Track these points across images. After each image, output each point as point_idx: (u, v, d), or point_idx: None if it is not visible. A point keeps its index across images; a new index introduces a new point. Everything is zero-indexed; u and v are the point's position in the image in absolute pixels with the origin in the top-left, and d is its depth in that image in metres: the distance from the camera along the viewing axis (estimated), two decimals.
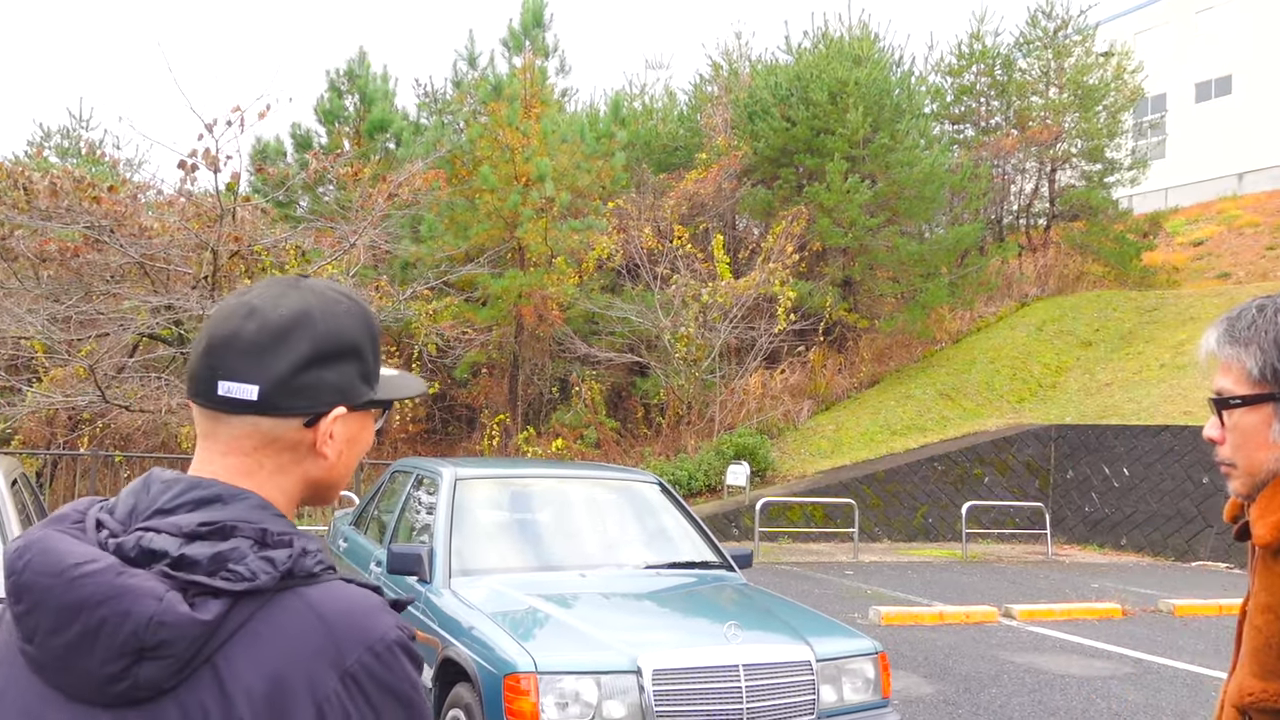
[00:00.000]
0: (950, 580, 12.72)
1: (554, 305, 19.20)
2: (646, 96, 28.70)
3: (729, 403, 19.50)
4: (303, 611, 0.99)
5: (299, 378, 1.08)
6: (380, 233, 16.32)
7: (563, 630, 4.50)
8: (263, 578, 0.98)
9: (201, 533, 1.00)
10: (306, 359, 1.08)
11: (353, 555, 6.58)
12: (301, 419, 1.09)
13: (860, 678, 4.46)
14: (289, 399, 1.08)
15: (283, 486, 1.11)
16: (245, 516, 1.03)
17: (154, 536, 0.99)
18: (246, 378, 1.06)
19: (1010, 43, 27.80)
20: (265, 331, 1.07)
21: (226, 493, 1.05)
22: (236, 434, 1.08)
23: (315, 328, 1.09)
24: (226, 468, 1.08)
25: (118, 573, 0.96)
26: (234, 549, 0.99)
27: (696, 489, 16.97)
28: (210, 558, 0.98)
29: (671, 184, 22.50)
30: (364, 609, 1.01)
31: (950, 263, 22.69)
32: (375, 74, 22.74)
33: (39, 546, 1.00)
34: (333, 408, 1.10)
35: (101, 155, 21.27)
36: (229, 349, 1.07)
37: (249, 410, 1.07)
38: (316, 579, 1.02)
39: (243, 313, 1.08)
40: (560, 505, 6.08)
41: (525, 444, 18.31)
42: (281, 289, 1.12)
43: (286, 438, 1.09)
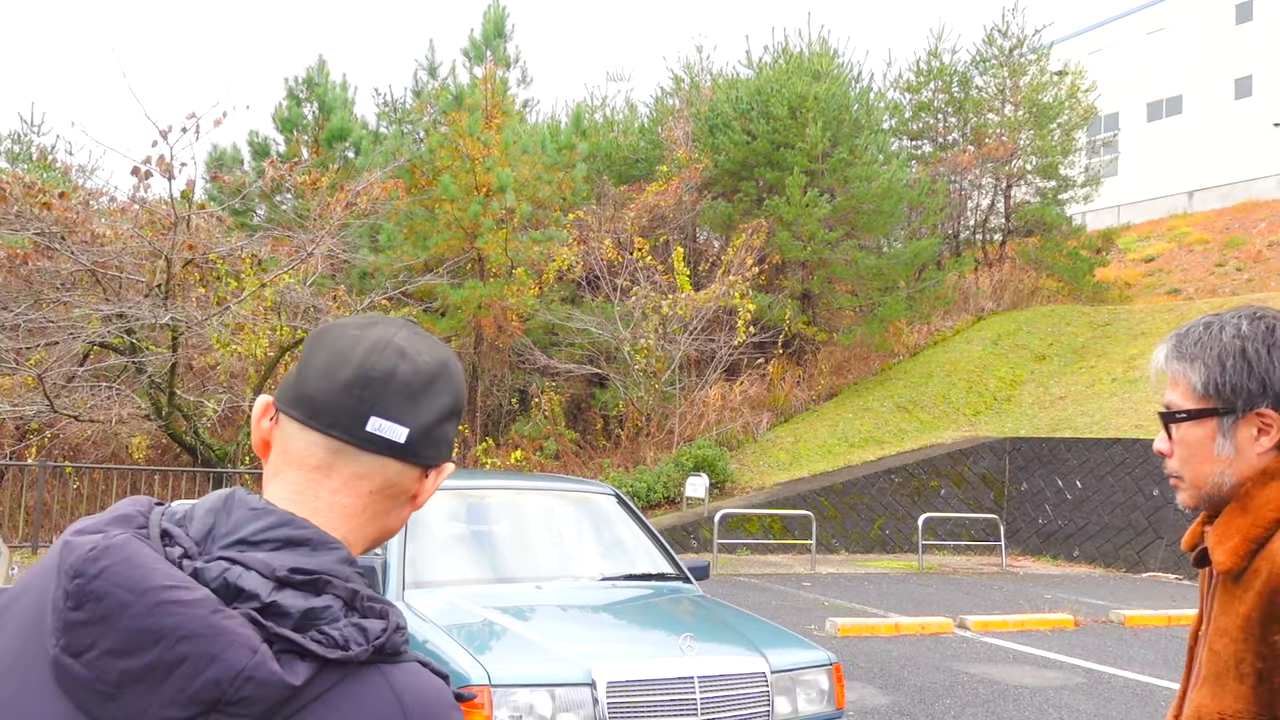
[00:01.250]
0: (906, 592, 12.80)
1: (514, 316, 19.15)
2: (608, 108, 28.80)
3: (688, 415, 19.54)
4: (386, 695, 0.92)
5: (439, 428, 1.05)
6: (338, 242, 16.21)
7: (517, 642, 4.46)
8: (354, 649, 0.91)
9: (295, 581, 0.92)
10: (448, 411, 1.06)
11: None
12: (425, 469, 1.06)
13: (815, 689, 4.47)
14: (427, 448, 1.04)
15: (369, 533, 1.05)
16: (335, 571, 0.95)
17: (242, 573, 0.91)
18: (400, 419, 1.02)
19: (967, 60, 28.23)
20: (419, 376, 1.03)
21: (318, 538, 0.96)
22: (360, 473, 1.02)
23: (454, 381, 1.07)
24: (333, 506, 1.02)
25: (213, 609, 0.87)
26: (327, 608, 0.91)
27: (655, 501, 16.97)
28: (302, 613, 0.90)
29: (632, 196, 22.56)
30: (442, 705, 0.96)
31: (908, 277, 22.92)
32: (334, 82, 22.59)
33: (122, 554, 0.89)
34: (446, 461, 1.08)
35: (53, 161, 20.94)
36: (386, 387, 1.02)
37: (388, 452, 1.02)
38: (398, 658, 0.96)
39: (394, 352, 1.03)
40: (516, 517, 6.05)
41: (484, 455, 18.22)
42: (407, 331, 1.07)
43: (403, 485, 1.05)
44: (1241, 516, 1.51)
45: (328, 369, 1.03)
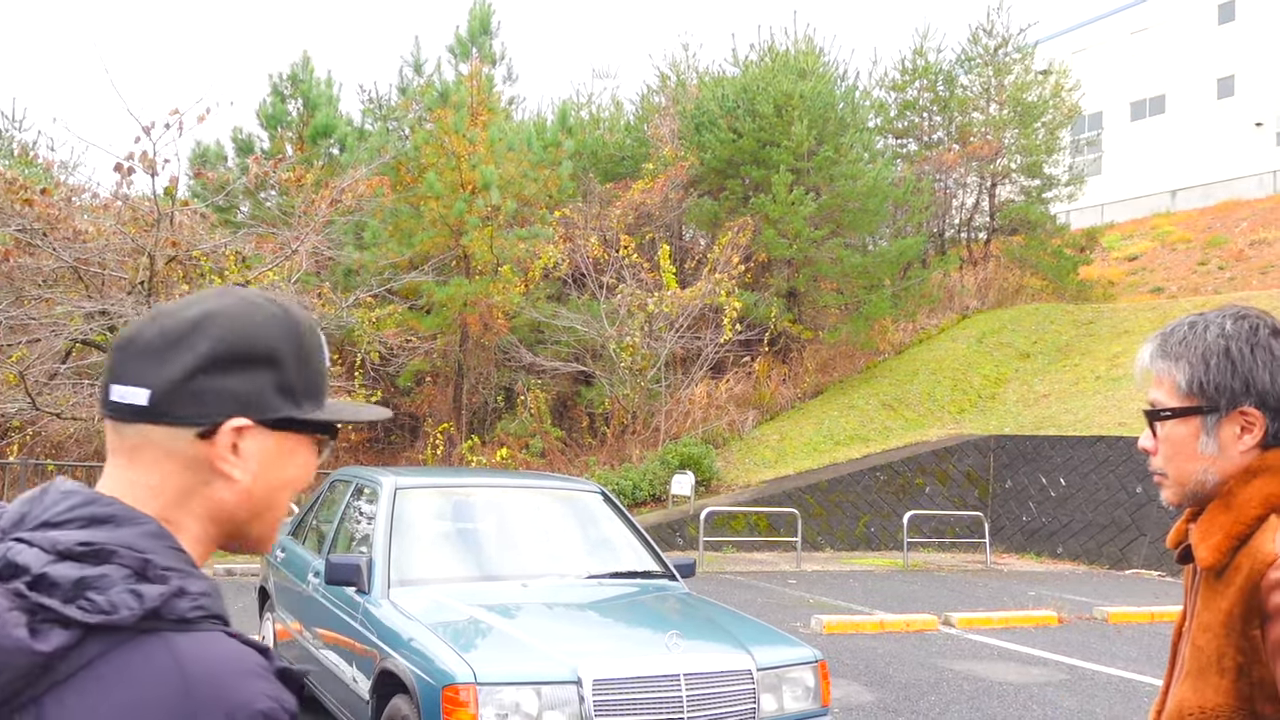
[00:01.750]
0: (891, 589, 12.85)
1: (499, 314, 19.12)
2: (594, 106, 28.73)
3: (674, 412, 19.55)
4: (161, 660, 0.85)
5: (193, 382, 0.96)
6: (323, 239, 16.13)
7: (503, 641, 4.46)
8: (122, 612, 0.85)
9: (76, 553, 0.88)
10: (203, 361, 0.96)
11: (290, 566, 6.48)
12: (193, 430, 0.97)
13: (800, 686, 4.48)
14: (181, 406, 0.96)
15: (193, 511, 0.98)
16: (133, 543, 0.90)
17: (24, 550, 0.88)
18: (138, 380, 0.96)
19: (952, 59, 28.29)
20: (165, 333, 0.97)
21: (123, 514, 0.93)
22: (132, 445, 0.97)
23: (217, 329, 0.98)
24: (130, 484, 0.97)
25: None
26: (102, 575, 0.86)
27: (641, 498, 16.97)
28: (73, 582, 0.85)
29: (618, 194, 22.54)
30: (235, 670, 0.88)
31: (893, 275, 22.98)
32: (319, 79, 22.50)
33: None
34: (229, 417, 0.97)
35: (35, 157, 20.79)
36: (124, 351, 0.98)
37: (140, 417, 0.96)
38: (191, 626, 0.88)
39: (150, 316, 1.00)
40: (502, 515, 6.05)
41: (470, 453, 18.18)
42: (204, 295, 1.02)
43: (184, 452, 0.97)
44: (1224, 514, 1.52)
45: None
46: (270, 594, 6.85)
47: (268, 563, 7.13)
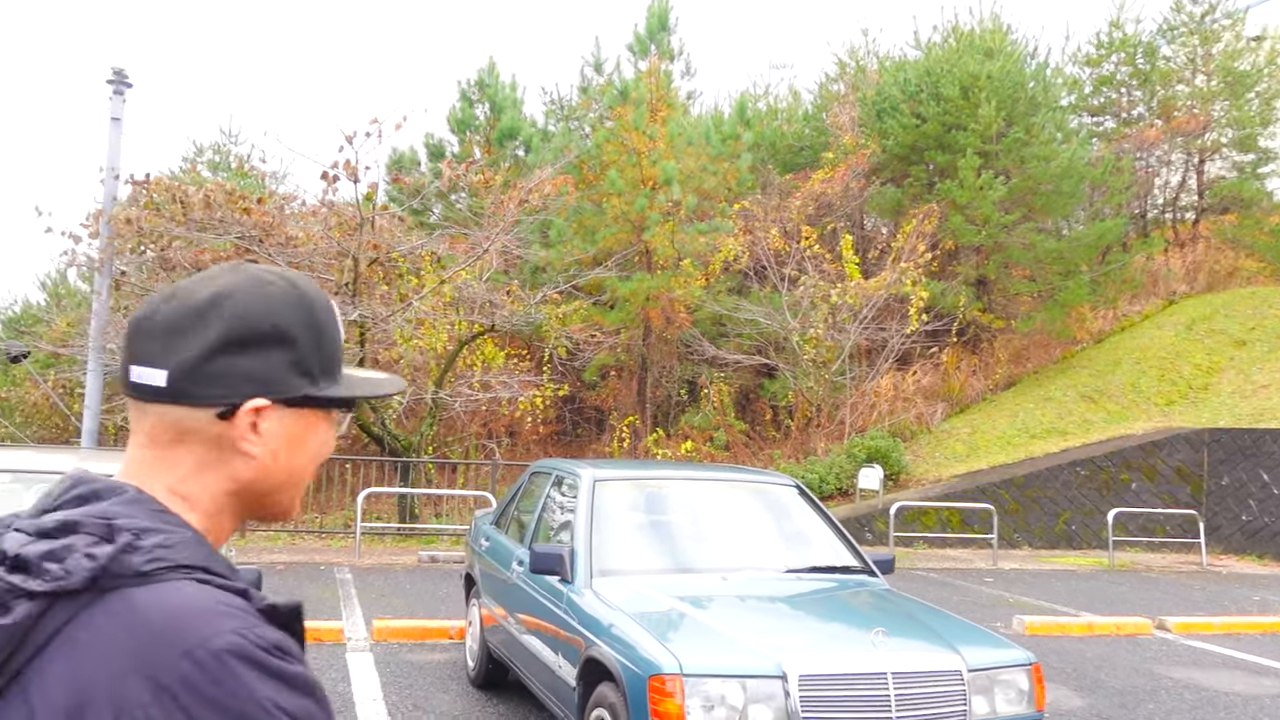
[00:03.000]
0: (1097, 590, 12.23)
1: (681, 308, 19.23)
2: (771, 97, 28.51)
3: (859, 405, 19.20)
4: (121, 615, 0.86)
5: (210, 363, 0.97)
6: (511, 238, 16.64)
7: (706, 632, 4.48)
8: (76, 576, 0.86)
9: (49, 529, 0.90)
10: (218, 342, 0.98)
11: (495, 554, 6.70)
12: (213, 410, 0.98)
13: (1013, 689, 4.32)
14: (199, 387, 0.97)
15: (208, 486, 1.00)
16: (105, 512, 0.92)
17: (12, 535, 0.90)
18: (155, 362, 0.97)
19: (1153, 30, 26.65)
20: (179, 313, 0.98)
21: (105, 488, 0.95)
22: (153, 425, 0.99)
23: (231, 309, 0.98)
24: (143, 461, 0.99)
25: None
26: (66, 546, 0.88)
27: (827, 492, 16.74)
28: (39, 556, 0.87)
29: (798, 184, 22.28)
30: (195, 611, 0.86)
31: (1091, 260, 21.84)
32: (504, 83, 23.21)
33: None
34: (248, 398, 0.99)
35: (250, 169, 22.25)
36: (141, 332, 0.99)
37: (159, 398, 0.98)
38: (149, 579, 0.88)
39: (165, 295, 1.00)
40: (698, 507, 6.08)
41: (655, 446, 18.38)
42: (214, 272, 1.03)
43: (204, 431, 0.99)
44: None
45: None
46: (476, 581, 7.11)
47: (472, 551, 7.40)
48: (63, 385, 19.07)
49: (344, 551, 12.97)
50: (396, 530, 14.74)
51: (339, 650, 7.77)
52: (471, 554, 7.41)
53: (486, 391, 17.14)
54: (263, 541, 13.57)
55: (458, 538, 13.96)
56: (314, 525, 14.75)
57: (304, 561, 11.96)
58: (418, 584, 10.84)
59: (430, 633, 8.32)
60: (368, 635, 8.21)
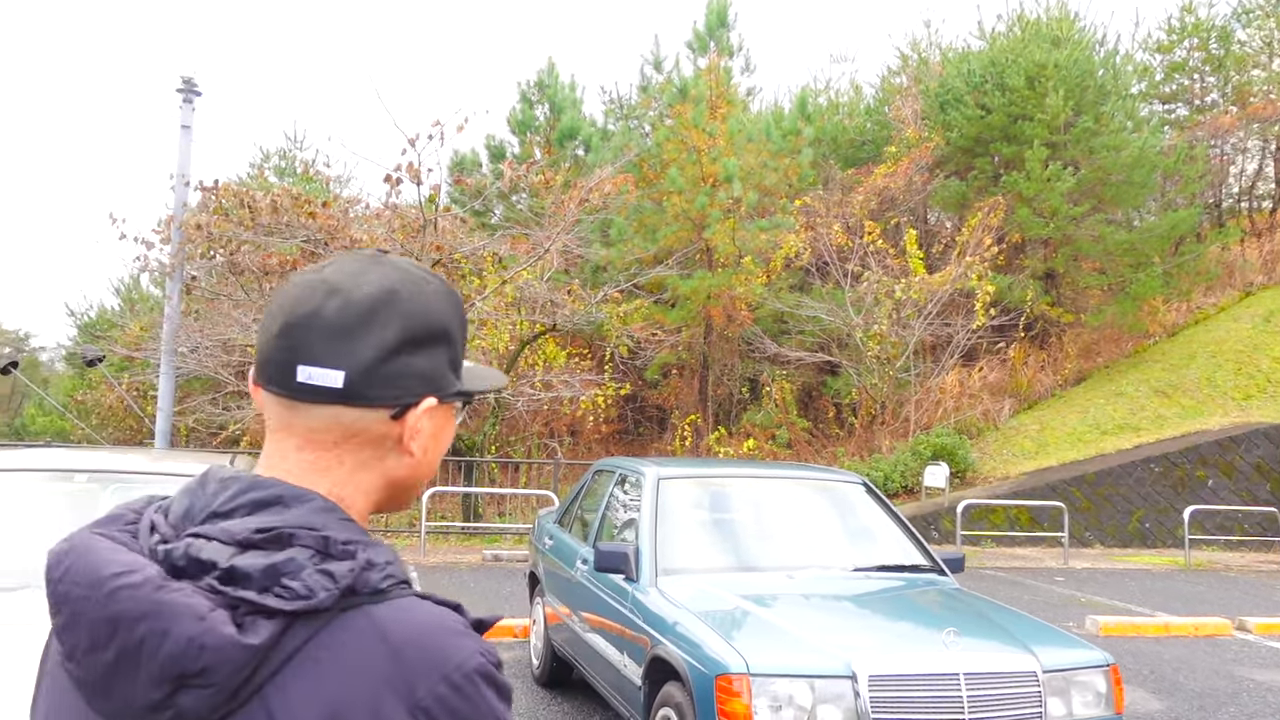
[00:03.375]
0: (1173, 589, 11.91)
1: (742, 305, 19.14)
2: (832, 91, 28.24)
3: (924, 402, 18.94)
4: (367, 634, 0.86)
5: (388, 364, 0.95)
6: (572, 238, 16.69)
7: (773, 632, 4.43)
8: (321, 595, 0.85)
9: (256, 540, 0.88)
10: (396, 343, 0.95)
11: (558, 553, 6.71)
12: (389, 411, 0.96)
13: (1090, 691, 4.20)
14: (377, 388, 0.95)
15: (362, 486, 0.98)
16: (307, 521, 0.90)
17: (204, 544, 0.88)
18: (330, 363, 0.93)
19: (1227, 13, 25.88)
20: (350, 311, 0.94)
21: (289, 494, 0.92)
22: (316, 426, 0.96)
23: (403, 307, 0.96)
24: (301, 464, 0.96)
25: (157, 586, 0.84)
26: (289, 560, 0.86)
27: (893, 490, 16.54)
28: (263, 570, 0.85)
29: (860, 179, 22.05)
30: (440, 631, 0.88)
31: (1163, 251, 21.30)
32: (564, 83, 23.29)
33: (78, 551, 0.89)
34: (422, 398, 0.98)
35: (315, 174, 22.60)
36: (309, 329, 0.94)
37: (332, 399, 0.94)
38: (384, 596, 0.89)
39: (323, 290, 0.95)
40: (762, 505, 6.02)
41: (717, 444, 18.32)
42: (362, 265, 0.99)
43: (371, 431, 0.97)
44: None
45: (265, 323, 0.97)
46: (540, 579, 7.13)
47: (536, 549, 7.42)
48: (136, 388, 19.56)
49: (409, 550, 13.11)
50: (461, 529, 14.86)
51: None
52: (535, 552, 7.43)
53: (548, 391, 17.21)
54: None
55: (520, 536, 14.04)
56: (379, 524, 14.93)
57: None
58: (482, 582, 10.92)
59: (495, 631, 8.36)
60: None
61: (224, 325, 15.47)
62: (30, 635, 3.29)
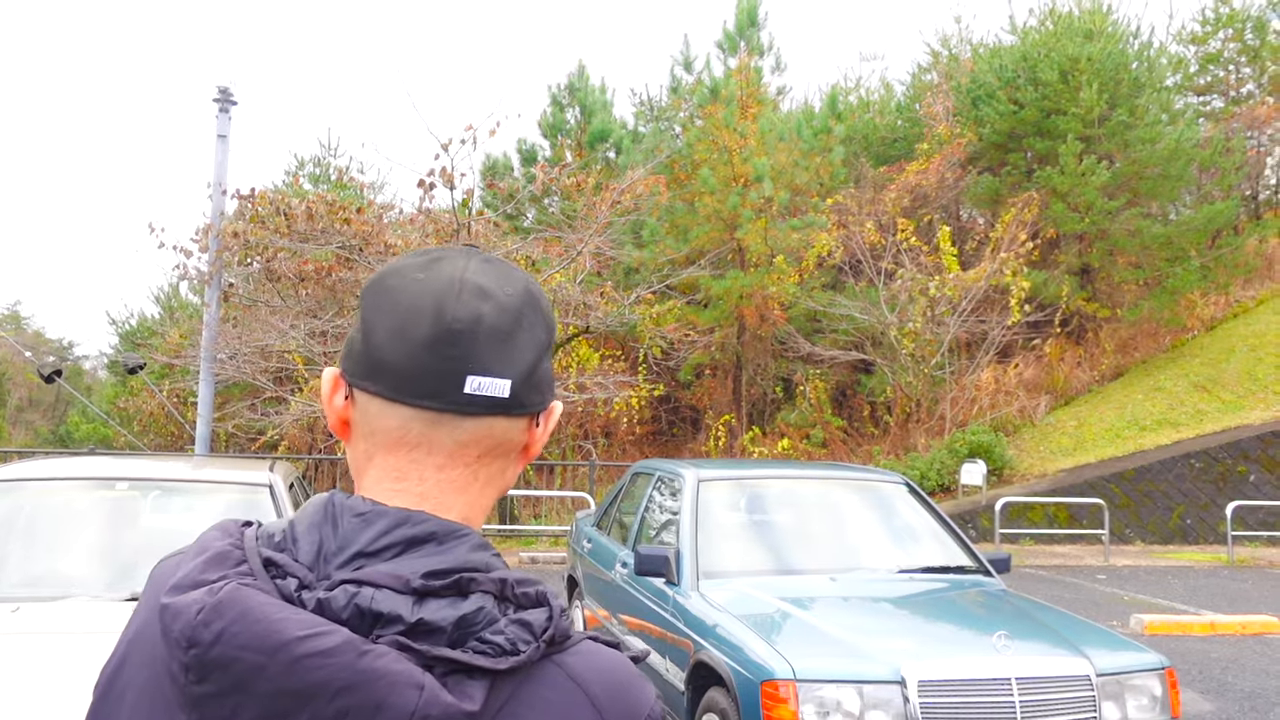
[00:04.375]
0: (1218, 587, 11.75)
1: (775, 305, 19.08)
2: (862, 89, 28.10)
3: (960, 399, 18.80)
4: (566, 688, 0.81)
5: (540, 368, 0.90)
6: (604, 240, 16.70)
7: (818, 636, 4.41)
8: (525, 651, 0.79)
9: (434, 588, 0.79)
10: (544, 345, 0.90)
11: (597, 556, 6.72)
12: (532, 417, 0.92)
13: (1146, 695, 4.15)
14: (531, 394, 0.89)
15: (485, 503, 0.92)
16: (473, 562, 0.83)
17: (374, 593, 0.78)
18: (498, 371, 0.86)
19: (1262, 3, 25.48)
20: (506, 315, 0.88)
21: (443, 530, 0.84)
22: (465, 440, 0.88)
23: (542, 308, 0.91)
24: (441, 484, 0.88)
25: (360, 651, 0.75)
26: (479, 610, 0.79)
27: (929, 489, 16.43)
28: (455, 624, 0.78)
29: (891, 177, 21.92)
30: (628, 681, 0.85)
31: (1200, 244, 21.02)
32: (594, 86, 23.32)
33: (236, 609, 0.77)
34: (552, 400, 0.94)
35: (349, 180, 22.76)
36: (475, 338, 0.86)
37: (494, 410, 0.87)
38: (569, 643, 0.84)
39: (471, 292, 0.87)
40: (804, 507, 6.00)
41: (751, 444, 18.27)
42: (476, 261, 0.92)
43: (514, 441, 0.91)
44: None
45: (401, 329, 0.87)
46: (578, 582, 7.14)
47: (574, 552, 7.43)
48: (177, 394, 19.78)
49: None
50: (497, 532, 14.92)
51: None
52: (574, 555, 7.44)
53: (582, 393, 17.24)
54: None
55: (556, 538, 14.07)
56: None
57: None
58: None
59: None
60: None
61: (261, 331, 15.60)
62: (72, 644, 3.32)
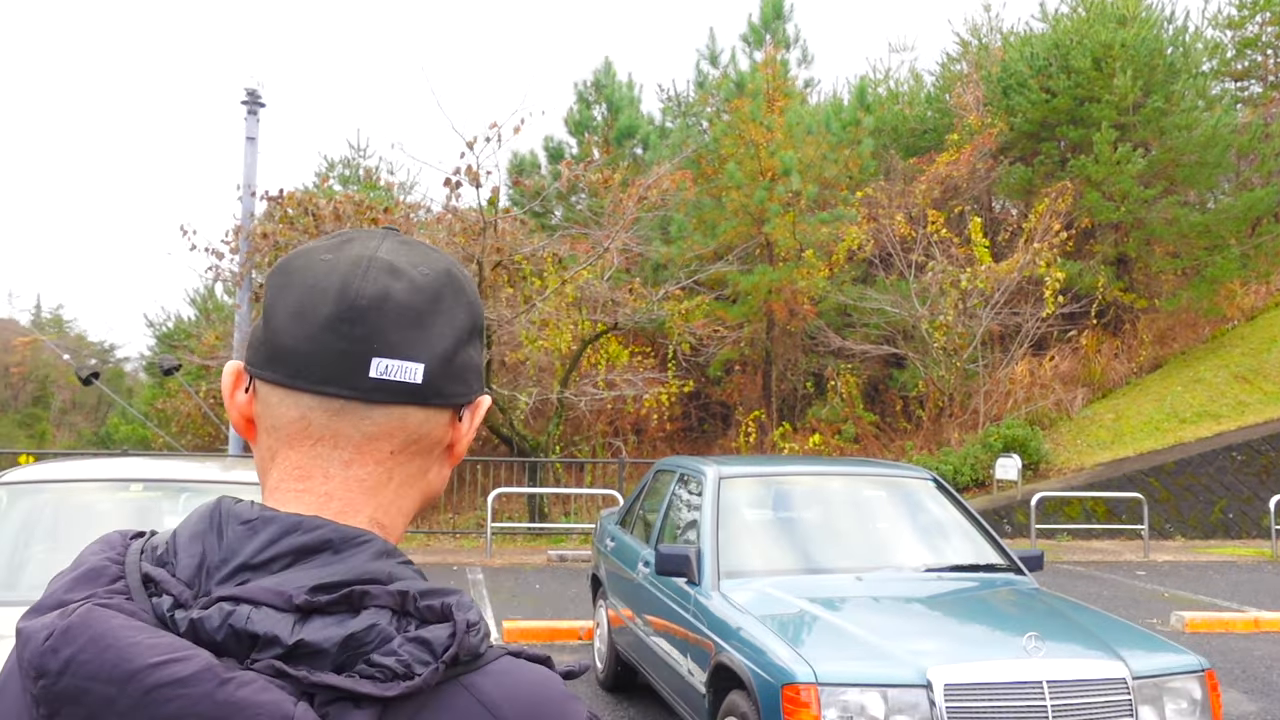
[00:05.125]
0: (1262, 582, 11.46)
1: (805, 299, 18.89)
2: (891, 81, 27.80)
3: (994, 393, 18.53)
4: (473, 713, 0.71)
5: (461, 354, 0.81)
6: (631, 236, 16.62)
7: (841, 637, 4.28)
8: (422, 673, 0.68)
9: (320, 604, 0.70)
10: (466, 330, 0.81)
11: (620, 555, 6.62)
12: (454, 410, 0.82)
13: (1185, 698, 3.99)
14: (450, 382, 0.80)
15: (404, 506, 0.82)
16: (371, 572, 0.73)
17: (252, 612, 0.69)
18: (408, 353, 0.77)
19: None
20: (421, 293, 0.79)
21: (338, 537, 0.74)
22: (373, 432, 0.78)
23: (465, 291, 0.83)
24: (348, 483, 0.79)
25: (220, 680, 0.65)
26: (370, 628, 0.69)
27: (963, 484, 16.20)
28: (340, 644, 0.68)
29: (922, 168, 21.66)
30: (548, 702, 0.74)
31: (1240, 232, 20.60)
32: (620, 82, 23.23)
33: (86, 634, 0.67)
34: (478, 394, 0.84)
35: (378, 180, 22.82)
36: (382, 315, 0.77)
37: (405, 398, 0.78)
38: (480, 660, 0.73)
39: (380, 269, 0.78)
40: (828, 504, 5.86)
41: (781, 440, 18.11)
42: (391, 240, 0.82)
43: (432, 436, 0.81)
44: None
45: (300, 309, 0.78)
46: (602, 581, 7.04)
47: (598, 551, 7.33)
48: (213, 396, 19.89)
49: (476, 552, 13.13)
50: (527, 530, 14.87)
51: None
52: (597, 554, 7.35)
53: (611, 389, 17.16)
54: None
55: (586, 536, 13.99)
56: (447, 526, 15.00)
57: (437, 562, 12.14)
58: (547, 583, 10.88)
59: (559, 633, 8.30)
60: (498, 636, 8.23)
61: None
62: None
